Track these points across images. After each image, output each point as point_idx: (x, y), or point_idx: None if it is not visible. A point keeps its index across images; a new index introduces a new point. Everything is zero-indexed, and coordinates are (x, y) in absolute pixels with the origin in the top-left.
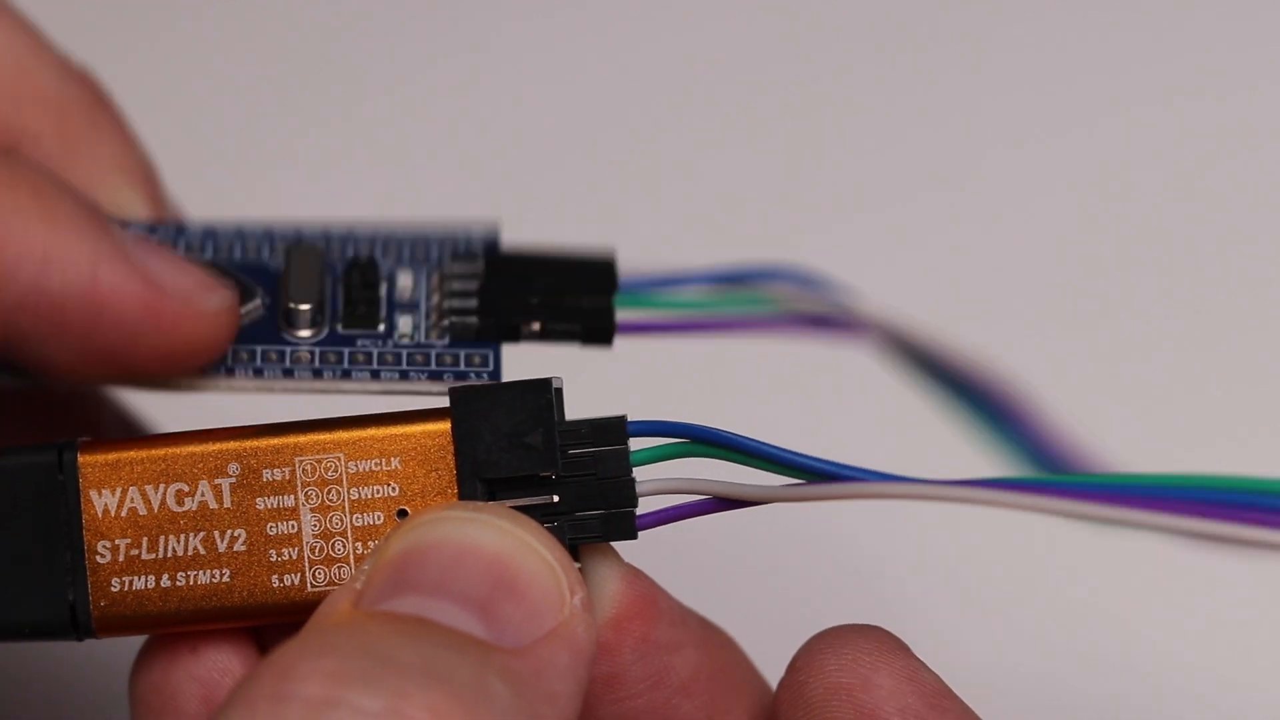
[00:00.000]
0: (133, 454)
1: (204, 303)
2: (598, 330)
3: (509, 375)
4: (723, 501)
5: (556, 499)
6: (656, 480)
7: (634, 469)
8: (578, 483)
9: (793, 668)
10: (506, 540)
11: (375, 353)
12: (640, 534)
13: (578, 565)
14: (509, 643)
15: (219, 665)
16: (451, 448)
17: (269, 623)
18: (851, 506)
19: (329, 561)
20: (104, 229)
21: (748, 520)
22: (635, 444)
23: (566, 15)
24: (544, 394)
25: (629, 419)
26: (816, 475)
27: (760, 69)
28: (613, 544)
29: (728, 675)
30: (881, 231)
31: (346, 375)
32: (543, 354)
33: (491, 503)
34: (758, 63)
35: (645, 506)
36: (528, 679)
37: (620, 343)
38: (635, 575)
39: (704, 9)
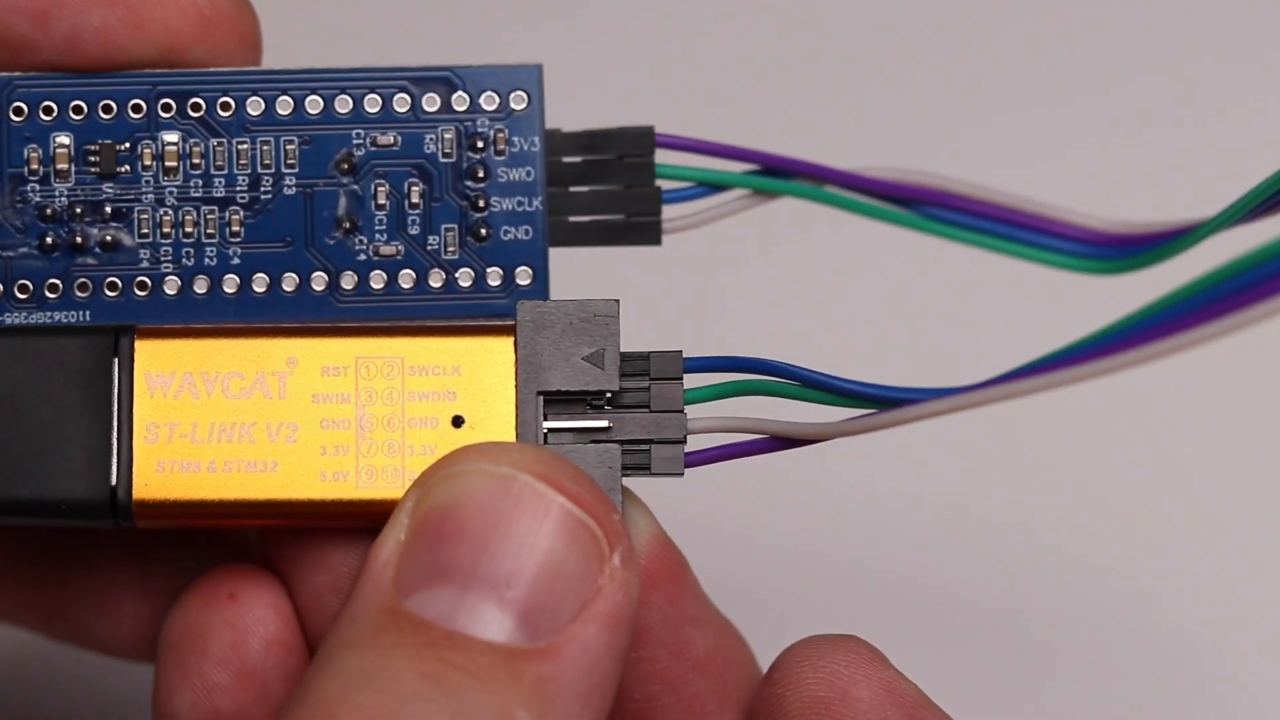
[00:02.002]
0: (192, 341)
1: None
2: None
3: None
4: (777, 440)
5: (609, 425)
6: (708, 419)
7: (687, 406)
8: (630, 414)
9: (769, 679)
10: (539, 505)
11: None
12: (686, 471)
13: (620, 512)
14: (544, 632)
15: (254, 615)
16: (513, 359)
17: (311, 525)
18: (860, 498)
19: (379, 463)
20: None
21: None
22: (690, 381)
23: None
24: (610, 313)
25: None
26: (875, 402)
27: None
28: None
29: (740, 666)
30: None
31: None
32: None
33: (529, 447)
34: None
35: (694, 444)
36: (554, 695)
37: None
38: (669, 541)
39: None
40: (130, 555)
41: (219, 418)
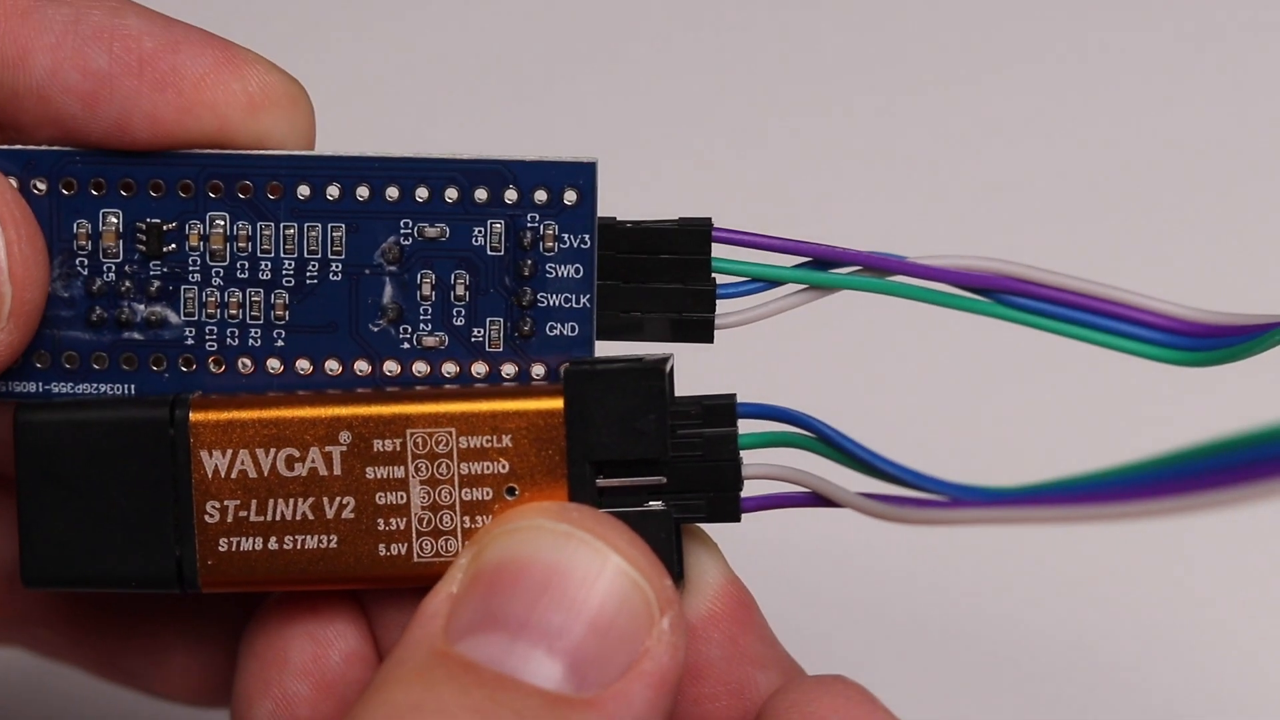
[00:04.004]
0: (245, 415)
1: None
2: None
3: None
4: (820, 499)
5: (664, 480)
6: (761, 465)
7: (741, 451)
8: (685, 463)
9: None
10: (595, 563)
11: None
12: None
13: (674, 581)
14: (591, 685)
15: (335, 628)
16: (563, 428)
17: (371, 588)
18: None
19: (436, 534)
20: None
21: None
22: (742, 426)
23: None
24: (657, 379)
25: (739, 400)
26: (905, 484)
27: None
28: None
29: None
30: None
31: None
32: None
33: (588, 508)
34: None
35: (749, 490)
36: None
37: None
38: (737, 581)
39: None
40: (188, 611)
41: (276, 494)
